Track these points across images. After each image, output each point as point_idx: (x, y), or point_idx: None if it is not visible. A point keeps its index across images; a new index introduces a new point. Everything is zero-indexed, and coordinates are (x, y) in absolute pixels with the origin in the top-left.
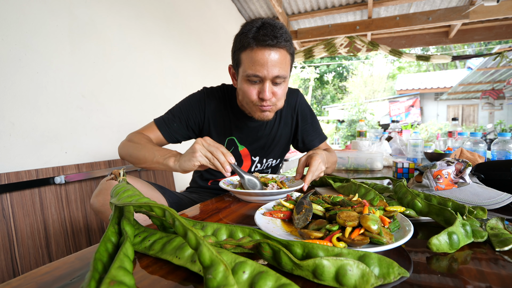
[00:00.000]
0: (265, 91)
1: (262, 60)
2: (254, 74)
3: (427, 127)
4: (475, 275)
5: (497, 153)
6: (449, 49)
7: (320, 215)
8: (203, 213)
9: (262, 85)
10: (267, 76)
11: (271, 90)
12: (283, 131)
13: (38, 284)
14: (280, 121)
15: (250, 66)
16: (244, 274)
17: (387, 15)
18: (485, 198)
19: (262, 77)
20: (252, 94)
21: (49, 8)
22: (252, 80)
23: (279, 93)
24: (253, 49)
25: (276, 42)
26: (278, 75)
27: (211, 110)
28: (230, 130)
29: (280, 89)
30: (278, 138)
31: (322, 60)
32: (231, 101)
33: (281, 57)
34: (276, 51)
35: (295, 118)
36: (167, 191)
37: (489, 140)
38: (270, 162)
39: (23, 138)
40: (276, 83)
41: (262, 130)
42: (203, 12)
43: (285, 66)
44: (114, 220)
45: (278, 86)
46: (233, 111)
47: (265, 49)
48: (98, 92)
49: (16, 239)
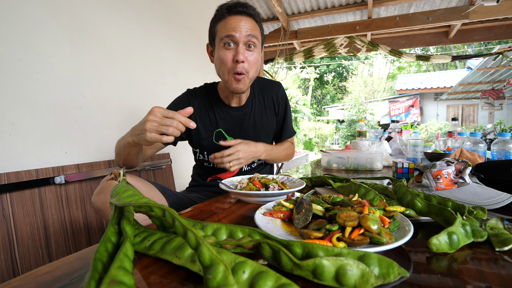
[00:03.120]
0: (239, 52)
1: (234, 23)
2: (228, 35)
3: (427, 127)
4: (475, 275)
5: (497, 153)
6: (449, 49)
7: (320, 215)
8: (203, 213)
9: (236, 49)
10: (240, 37)
11: (244, 54)
12: (268, 120)
13: (38, 284)
14: (265, 110)
15: (224, 31)
16: (244, 274)
17: (387, 15)
18: (485, 198)
19: (236, 38)
20: (227, 58)
21: (49, 8)
22: (226, 43)
23: (251, 59)
24: (226, 17)
25: (245, 9)
26: (250, 34)
27: (196, 107)
28: (216, 123)
29: (252, 56)
30: (263, 128)
31: (322, 60)
32: (214, 95)
33: (252, 24)
34: (247, 18)
35: (277, 108)
36: (168, 190)
37: (489, 140)
38: None
39: (23, 138)
40: (249, 48)
41: (247, 119)
42: (203, 12)
43: (256, 31)
44: (114, 220)
45: (250, 52)
46: (216, 103)
47: (236, 15)
48: (98, 92)
49: (16, 239)
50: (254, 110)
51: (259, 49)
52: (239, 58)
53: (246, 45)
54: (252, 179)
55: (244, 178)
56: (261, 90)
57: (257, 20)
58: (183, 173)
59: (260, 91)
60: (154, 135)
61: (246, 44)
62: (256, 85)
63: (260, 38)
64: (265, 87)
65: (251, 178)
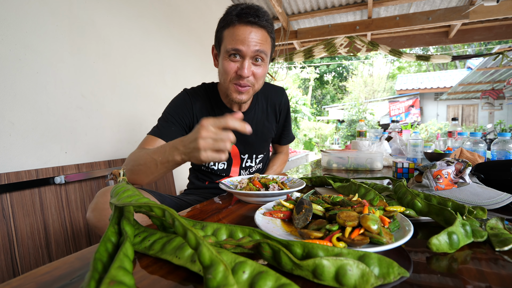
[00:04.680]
0: (244, 67)
1: (243, 35)
2: (234, 48)
3: (427, 127)
4: (475, 275)
5: (497, 153)
6: (449, 49)
7: (320, 215)
8: (203, 213)
9: (242, 62)
10: (247, 52)
11: (250, 68)
12: (268, 127)
13: (38, 284)
14: (266, 117)
15: (231, 42)
16: (244, 274)
17: (387, 15)
18: (485, 198)
19: (243, 52)
20: (230, 70)
21: (49, 8)
22: (232, 55)
23: (258, 73)
24: (235, 25)
25: (257, 20)
26: (259, 49)
27: (198, 108)
28: None
29: (259, 70)
30: (263, 135)
31: (322, 60)
32: (215, 98)
33: (262, 36)
34: (257, 29)
35: (279, 115)
36: (166, 198)
37: (489, 140)
38: (260, 158)
39: (23, 138)
40: (256, 62)
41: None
42: (203, 12)
43: (265, 45)
44: (114, 220)
45: (257, 66)
46: (218, 107)
47: (246, 25)
48: (98, 92)
49: (16, 239)
50: (256, 117)
51: (267, 63)
52: (244, 73)
53: (253, 58)
54: (252, 179)
55: (244, 178)
56: (265, 96)
57: (269, 31)
58: (183, 175)
59: (264, 97)
60: (211, 154)
61: (253, 58)
62: (260, 90)
63: (269, 51)
64: (269, 93)
65: (251, 178)
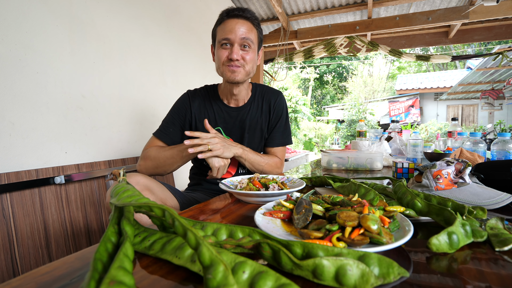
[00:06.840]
0: (233, 52)
1: (230, 26)
2: (224, 38)
3: (427, 127)
4: (475, 275)
5: (497, 153)
6: (449, 49)
7: (320, 215)
8: (203, 213)
9: (231, 48)
10: (235, 39)
11: (239, 53)
12: (262, 125)
13: (38, 284)
14: (260, 115)
15: (221, 34)
16: (244, 274)
17: (387, 15)
18: (484, 198)
19: (231, 40)
20: (222, 55)
21: (49, 8)
22: (224, 44)
23: (246, 57)
24: (224, 20)
25: (242, 13)
26: (245, 37)
27: (196, 106)
28: (215, 121)
29: (247, 55)
30: (255, 131)
31: (322, 60)
32: (214, 95)
33: (248, 26)
34: (243, 21)
35: (272, 114)
36: (177, 191)
37: (488, 140)
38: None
39: (23, 138)
40: (244, 49)
41: (243, 121)
42: (203, 12)
43: (251, 34)
44: (114, 220)
45: (245, 51)
46: (216, 102)
47: (233, 18)
48: (98, 92)
49: (16, 239)
50: (251, 113)
51: (255, 50)
52: (233, 56)
53: (241, 45)
54: (252, 179)
55: (244, 178)
56: (262, 95)
57: (254, 23)
58: (183, 173)
59: (261, 96)
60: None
61: (241, 45)
62: (258, 90)
63: (256, 40)
64: (266, 93)
65: (251, 178)
